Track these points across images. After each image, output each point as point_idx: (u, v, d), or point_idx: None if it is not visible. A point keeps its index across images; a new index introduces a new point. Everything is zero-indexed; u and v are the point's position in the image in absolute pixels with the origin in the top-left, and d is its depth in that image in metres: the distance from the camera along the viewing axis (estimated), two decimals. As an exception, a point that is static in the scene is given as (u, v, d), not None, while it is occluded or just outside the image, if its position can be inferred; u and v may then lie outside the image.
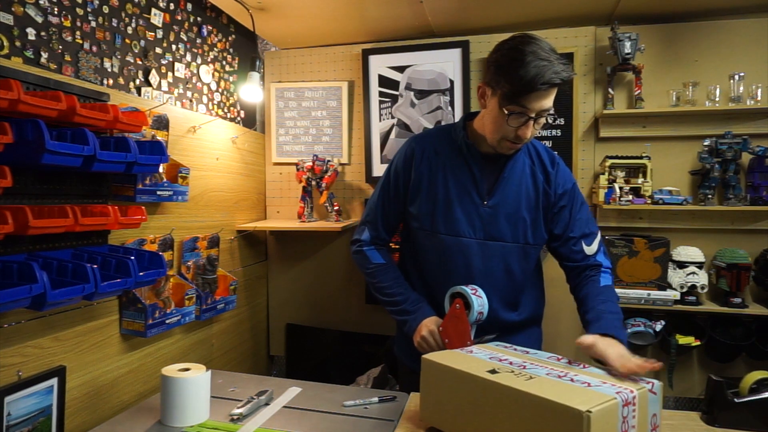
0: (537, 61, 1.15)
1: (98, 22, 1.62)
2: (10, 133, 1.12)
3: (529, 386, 0.93)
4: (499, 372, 1.01)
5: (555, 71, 1.15)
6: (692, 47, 2.21)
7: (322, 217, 2.52)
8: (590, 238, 1.40)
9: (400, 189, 1.45)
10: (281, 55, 2.66)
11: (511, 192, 1.36)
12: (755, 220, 2.16)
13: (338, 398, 1.36)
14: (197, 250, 1.96)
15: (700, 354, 2.25)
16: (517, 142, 1.27)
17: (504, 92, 1.20)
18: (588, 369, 1.06)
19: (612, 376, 1.02)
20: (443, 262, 1.40)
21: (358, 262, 1.53)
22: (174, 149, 1.83)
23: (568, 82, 1.24)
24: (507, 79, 1.18)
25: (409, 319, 1.38)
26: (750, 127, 2.13)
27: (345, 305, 2.61)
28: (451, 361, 1.09)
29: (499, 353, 1.15)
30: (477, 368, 1.03)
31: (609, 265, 1.41)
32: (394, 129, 2.50)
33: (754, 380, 1.15)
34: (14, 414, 1.19)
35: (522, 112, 1.20)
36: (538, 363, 1.08)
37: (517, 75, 1.16)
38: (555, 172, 1.40)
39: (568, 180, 1.42)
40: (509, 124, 1.23)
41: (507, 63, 1.19)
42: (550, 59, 1.16)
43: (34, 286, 1.13)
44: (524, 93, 1.17)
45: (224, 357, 2.23)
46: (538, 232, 1.39)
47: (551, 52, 1.18)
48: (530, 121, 1.22)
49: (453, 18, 2.30)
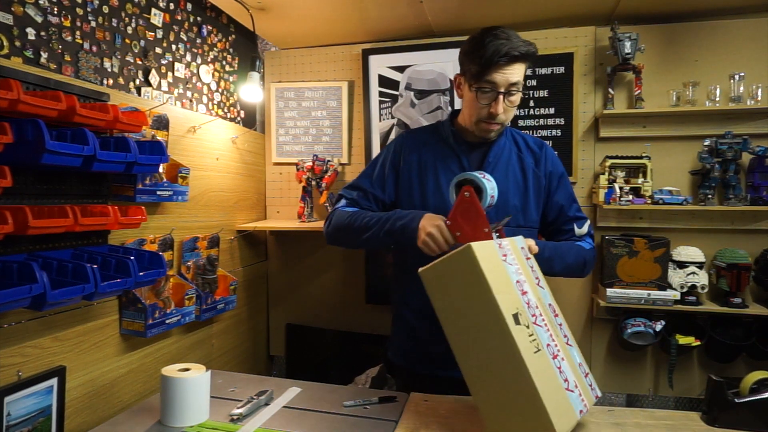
0: (495, 41, 1.27)
1: (98, 22, 1.62)
2: (10, 133, 1.12)
3: (534, 367, 0.93)
4: (520, 322, 0.97)
5: (512, 46, 1.26)
6: (692, 47, 2.21)
7: (322, 217, 2.52)
8: (580, 222, 1.47)
9: (385, 177, 1.49)
10: (281, 55, 2.66)
11: (499, 176, 1.39)
12: (755, 220, 2.16)
13: (338, 398, 1.36)
14: (197, 250, 1.96)
15: (700, 354, 2.25)
16: (491, 120, 1.34)
17: (471, 74, 1.32)
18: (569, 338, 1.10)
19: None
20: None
21: (335, 221, 1.45)
22: (174, 149, 1.83)
23: (530, 61, 1.32)
24: (471, 61, 1.31)
25: (407, 220, 1.29)
26: (750, 127, 2.13)
27: (345, 305, 2.61)
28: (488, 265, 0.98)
29: (521, 274, 1.07)
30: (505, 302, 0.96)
31: (593, 245, 1.47)
32: (394, 129, 2.50)
33: (755, 380, 1.15)
34: (14, 414, 1.19)
35: (490, 88, 1.31)
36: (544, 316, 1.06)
37: (479, 54, 1.28)
38: (542, 153, 1.47)
39: (557, 164, 1.49)
40: (480, 102, 1.33)
41: (470, 48, 1.32)
42: (509, 38, 1.28)
43: (34, 286, 1.13)
44: (487, 69, 1.28)
45: (224, 357, 2.23)
46: (528, 215, 1.43)
47: (512, 35, 1.29)
48: (499, 97, 1.31)
49: (453, 18, 2.30)
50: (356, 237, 1.40)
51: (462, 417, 1.18)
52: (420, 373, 1.46)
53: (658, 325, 2.15)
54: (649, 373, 2.32)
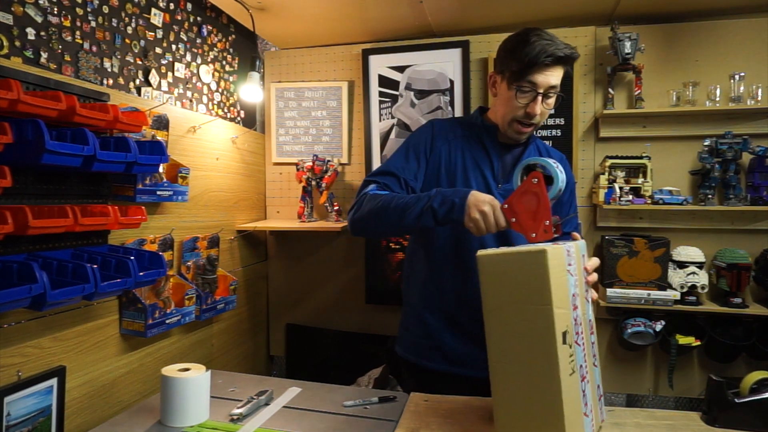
0: (541, 41, 1.25)
1: (98, 22, 1.62)
2: (10, 133, 1.12)
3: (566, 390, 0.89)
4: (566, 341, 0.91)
5: (558, 47, 1.25)
6: (692, 47, 2.21)
7: (322, 217, 2.52)
8: (578, 229, 1.45)
9: (419, 162, 1.41)
10: (281, 55, 2.66)
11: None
12: (755, 220, 2.16)
13: (338, 398, 1.36)
14: (197, 250, 1.96)
15: (700, 354, 2.25)
16: (527, 121, 1.33)
17: (512, 71, 1.30)
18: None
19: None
20: (458, 243, 1.38)
21: (366, 210, 1.31)
22: (174, 149, 1.83)
23: (570, 65, 1.33)
24: (514, 58, 1.28)
25: (456, 198, 1.17)
26: (750, 127, 2.13)
27: (345, 305, 2.61)
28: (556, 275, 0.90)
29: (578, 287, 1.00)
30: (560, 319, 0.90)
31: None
32: (394, 129, 2.50)
33: (755, 380, 1.15)
34: (14, 414, 1.19)
35: (530, 88, 1.29)
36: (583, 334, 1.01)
37: (523, 52, 1.26)
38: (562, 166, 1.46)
39: (569, 176, 1.47)
40: (518, 101, 1.30)
41: (514, 45, 1.30)
42: (553, 39, 1.27)
43: (34, 286, 1.13)
44: (530, 68, 1.26)
45: (224, 357, 2.23)
46: None
47: (555, 37, 1.28)
48: (538, 97, 1.29)
49: (453, 18, 2.30)
50: (390, 220, 1.26)
51: (462, 417, 1.18)
52: (432, 370, 1.44)
53: (658, 325, 2.15)
54: (649, 373, 2.32)
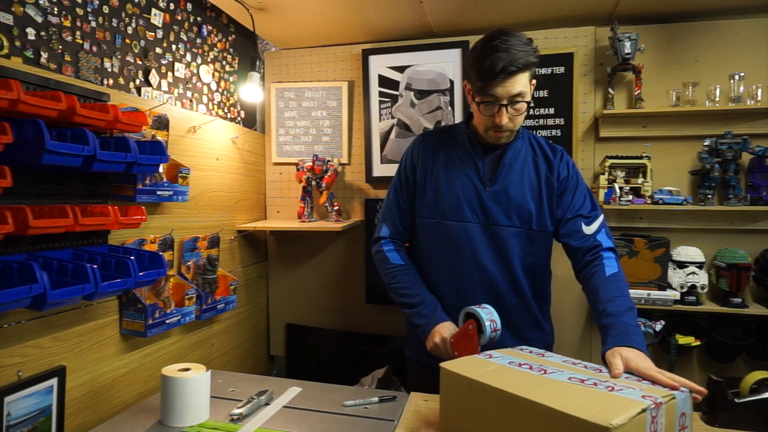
0: (495, 54, 1.25)
1: (98, 22, 1.62)
2: (10, 133, 1.12)
3: (549, 398, 0.88)
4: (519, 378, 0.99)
5: (510, 60, 1.24)
6: (692, 47, 2.21)
7: (322, 217, 2.52)
8: (589, 219, 1.41)
9: (410, 183, 1.53)
10: (281, 55, 2.66)
11: (514, 178, 1.41)
12: (755, 220, 2.16)
13: (338, 398, 1.36)
14: (197, 250, 1.96)
15: (700, 354, 2.25)
16: (498, 130, 1.35)
17: (473, 86, 1.34)
18: (606, 372, 1.03)
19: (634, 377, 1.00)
20: (450, 250, 1.43)
21: (377, 262, 1.56)
22: (174, 149, 1.82)
23: (531, 66, 1.30)
24: (474, 72, 1.31)
25: (423, 324, 1.41)
26: (750, 127, 2.13)
27: (345, 305, 2.61)
28: (471, 370, 1.05)
29: (518, 357, 1.13)
30: (496, 378, 0.99)
31: (611, 245, 1.39)
32: (394, 129, 2.50)
33: (755, 380, 1.15)
34: (14, 414, 1.19)
35: (491, 101, 1.31)
36: (557, 368, 1.05)
37: (478, 68, 1.28)
38: (557, 160, 1.45)
39: (570, 167, 1.46)
40: (483, 113, 1.34)
41: (474, 58, 1.31)
42: (509, 49, 1.25)
43: (34, 286, 1.13)
44: (488, 82, 1.28)
45: (224, 357, 2.23)
46: (542, 219, 1.42)
47: (513, 45, 1.26)
48: (503, 109, 1.31)
49: (453, 18, 2.30)
50: (395, 301, 1.52)
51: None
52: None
53: (658, 325, 2.15)
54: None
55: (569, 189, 1.44)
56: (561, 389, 0.93)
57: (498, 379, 0.98)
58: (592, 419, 0.80)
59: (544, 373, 1.01)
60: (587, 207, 1.43)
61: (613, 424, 0.78)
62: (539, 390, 0.92)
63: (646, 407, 0.83)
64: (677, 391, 0.92)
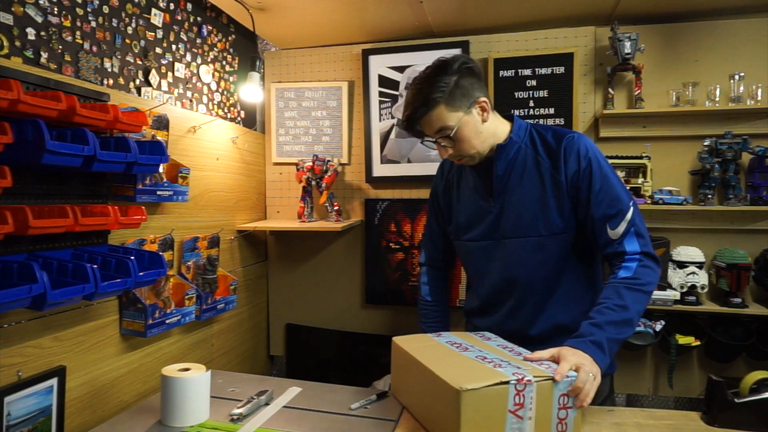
0: (405, 101, 1.32)
1: (98, 22, 1.62)
2: (10, 133, 1.12)
3: (439, 366, 1.05)
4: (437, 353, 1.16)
5: (410, 113, 1.29)
6: (692, 47, 2.21)
7: (322, 217, 2.52)
8: (615, 220, 1.24)
9: (441, 206, 1.56)
10: (281, 55, 2.66)
11: (513, 188, 1.35)
12: (755, 220, 2.16)
13: (338, 398, 1.36)
14: (197, 250, 1.96)
15: (700, 354, 2.25)
16: (454, 158, 1.37)
17: None
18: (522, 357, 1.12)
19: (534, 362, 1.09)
20: (475, 267, 1.49)
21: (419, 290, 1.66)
22: (174, 149, 1.82)
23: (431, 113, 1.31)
24: None
25: None
26: (750, 127, 2.13)
27: (345, 305, 2.61)
28: (410, 344, 1.24)
29: (460, 338, 1.27)
30: (422, 352, 1.17)
31: (636, 249, 1.23)
32: (394, 129, 2.50)
33: (754, 380, 1.15)
34: (14, 414, 1.19)
35: (421, 137, 1.36)
36: (481, 348, 1.18)
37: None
38: (560, 152, 1.31)
39: (582, 157, 1.28)
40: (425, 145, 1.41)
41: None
42: (414, 96, 1.28)
43: (34, 286, 1.13)
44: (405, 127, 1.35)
45: (224, 357, 2.23)
46: (550, 221, 1.31)
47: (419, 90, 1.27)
48: (437, 143, 1.33)
49: (453, 18, 2.30)
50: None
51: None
52: None
53: (658, 325, 2.15)
54: (649, 373, 2.32)
55: (583, 186, 1.28)
56: (457, 362, 1.09)
57: (422, 353, 1.16)
58: (451, 382, 0.97)
59: (464, 351, 1.15)
60: (610, 202, 1.25)
61: (463, 387, 0.94)
62: (441, 362, 1.09)
63: (508, 380, 0.96)
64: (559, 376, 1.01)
